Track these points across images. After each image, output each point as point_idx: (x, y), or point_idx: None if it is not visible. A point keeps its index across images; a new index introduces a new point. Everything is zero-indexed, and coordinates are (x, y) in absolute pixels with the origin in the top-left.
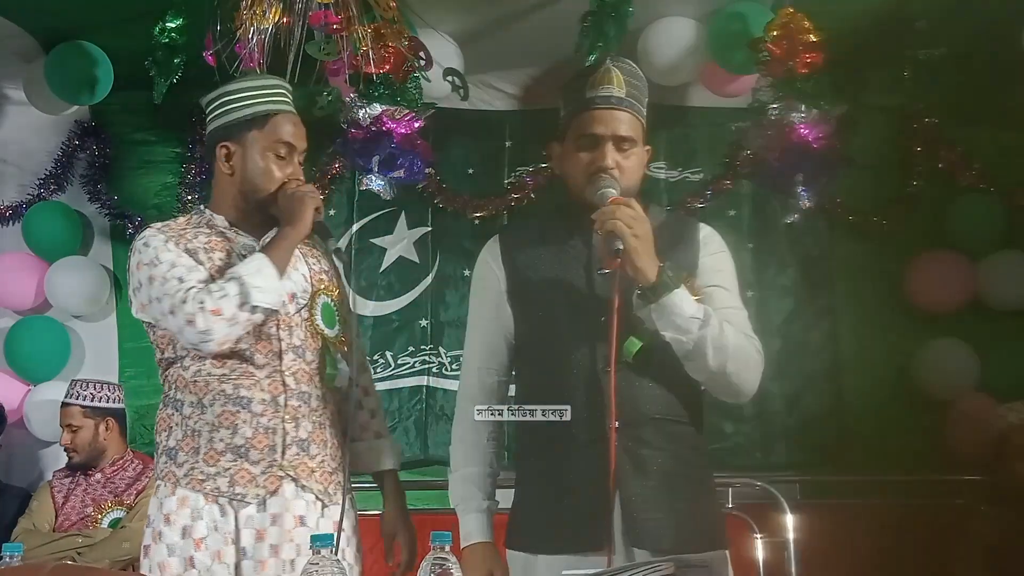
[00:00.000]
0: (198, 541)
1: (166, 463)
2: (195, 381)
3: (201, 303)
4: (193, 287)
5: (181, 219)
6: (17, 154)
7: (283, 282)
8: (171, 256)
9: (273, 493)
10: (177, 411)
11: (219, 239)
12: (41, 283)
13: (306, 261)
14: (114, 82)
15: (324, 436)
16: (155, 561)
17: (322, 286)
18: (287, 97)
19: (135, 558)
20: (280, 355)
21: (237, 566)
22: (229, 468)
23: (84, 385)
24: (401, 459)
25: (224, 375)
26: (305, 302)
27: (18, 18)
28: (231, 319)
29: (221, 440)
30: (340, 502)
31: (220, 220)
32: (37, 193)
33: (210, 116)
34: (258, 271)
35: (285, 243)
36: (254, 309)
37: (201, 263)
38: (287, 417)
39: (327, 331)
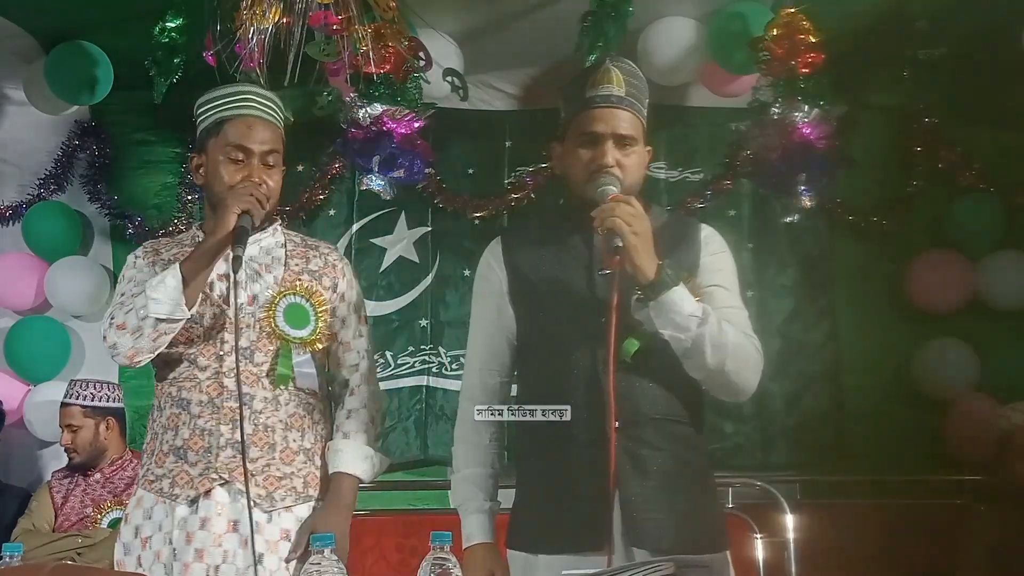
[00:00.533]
0: (144, 540)
1: (141, 464)
2: (158, 386)
3: (112, 318)
4: (117, 303)
5: (184, 235)
6: (17, 154)
7: (253, 284)
8: (132, 272)
9: (205, 495)
10: (151, 415)
11: (191, 251)
12: (41, 283)
13: (286, 263)
14: (114, 82)
15: (271, 439)
16: (115, 559)
17: (294, 287)
18: (252, 101)
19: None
20: (222, 357)
21: (172, 566)
22: (172, 469)
23: (84, 385)
24: (372, 466)
25: (174, 378)
26: (264, 303)
27: (18, 18)
28: (135, 332)
29: (167, 442)
30: (291, 508)
31: (198, 232)
32: (37, 193)
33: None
34: (161, 281)
35: (198, 250)
36: (156, 321)
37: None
38: (224, 419)
39: (292, 332)
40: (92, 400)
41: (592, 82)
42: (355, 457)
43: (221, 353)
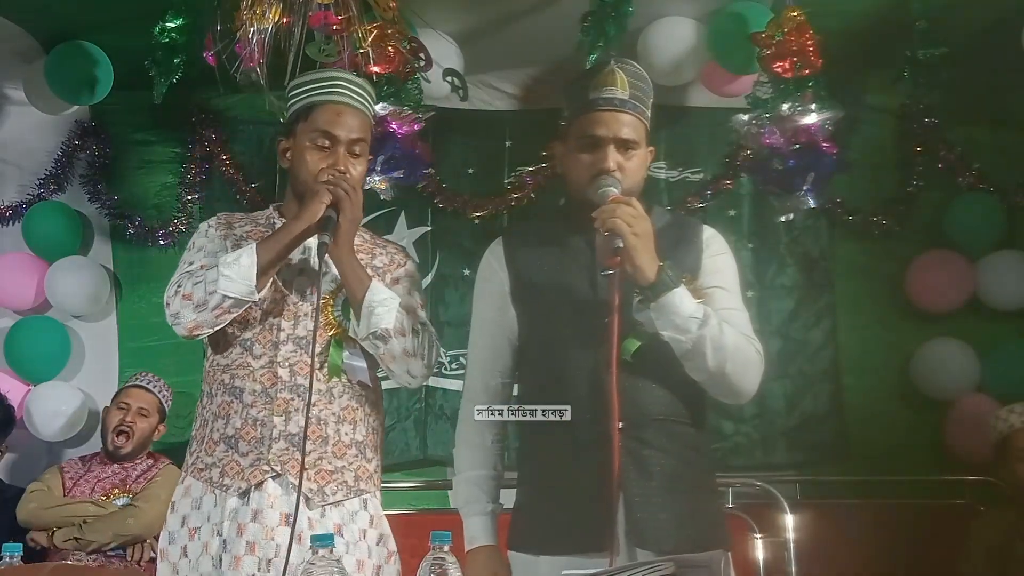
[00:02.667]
0: (192, 530)
1: (187, 452)
2: (209, 371)
3: (179, 286)
4: (186, 272)
5: (258, 212)
6: (17, 154)
7: (305, 274)
8: (203, 241)
9: (257, 487)
10: (200, 402)
11: (264, 230)
12: (41, 283)
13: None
14: (114, 82)
15: (324, 432)
16: (159, 548)
17: None
18: (343, 87)
19: (137, 536)
20: (277, 346)
21: (221, 558)
22: (222, 459)
23: (163, 382)
24: (387, 312)
25: (227, 365)
26: (329, 291)
27: (18, 18)
28: (199, 305)
29: (217, 430)
30: (342, 502)
31: (273, 213)
32: (37, 193)
33: None
34: (236, 260)
35: (279, 233)
36: (223, 298)
37: (227, 250)
38: (277, 410)
39: (347, 323)
40: (165, 401)
41: (596, 84)
42: (387, 296)
43: (277, 341)
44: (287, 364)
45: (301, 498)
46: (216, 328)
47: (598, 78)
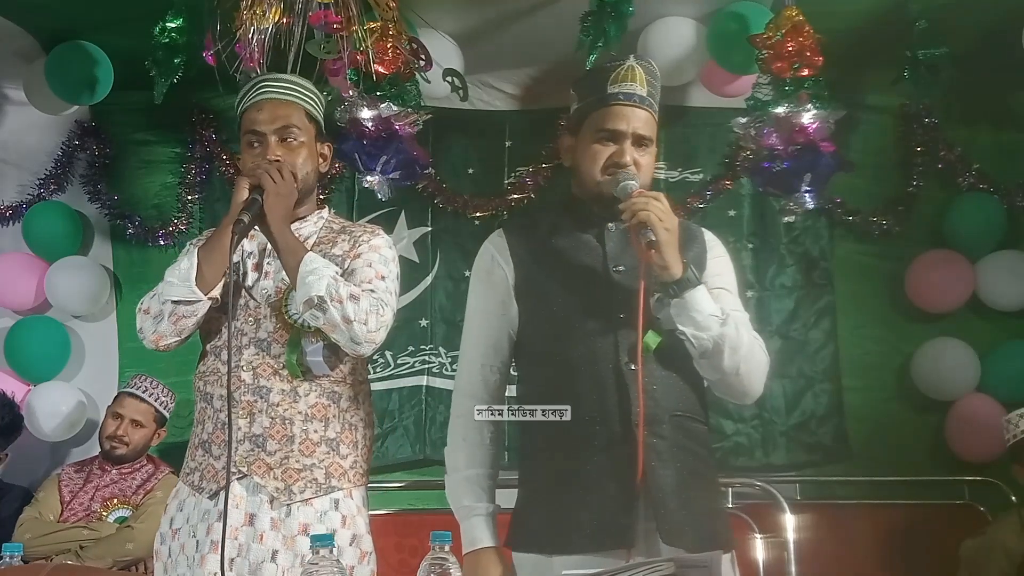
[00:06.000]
0: (174, 531)
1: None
2: (193, 381)
3: (141, 302)
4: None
5: None
6: (17, 154)
7: (280, 273)
8: (181, 256)
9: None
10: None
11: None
12: (41, 283)
13: (311, 249)
14: (114, 82)
15: (289, 432)
16: (154, 547)
17: None
18: (265, 86)
19: (137, 559)
20: (241, 349)
21: (194, 558)
22: (201, 463)
23: (161, 388)
24: (317, 280)
25: (202, 372)
26: (282, 290)
27: (18, 18)
28: (156, 316)
29: (196, 436)
30: (311, 500)
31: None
32: (37, 193)
33: None
34: (176, 265)
35: (216, 232)
36: (174, 305)
37: None
38: (241, 413)
39: (301, 319)
40: (164, 408)
41: (615, 78)
42: (320, 265)
43: (240, 345)
44: (250, 367)
45: (265, 497)
46: (183, 336)
47: (617, 73)
